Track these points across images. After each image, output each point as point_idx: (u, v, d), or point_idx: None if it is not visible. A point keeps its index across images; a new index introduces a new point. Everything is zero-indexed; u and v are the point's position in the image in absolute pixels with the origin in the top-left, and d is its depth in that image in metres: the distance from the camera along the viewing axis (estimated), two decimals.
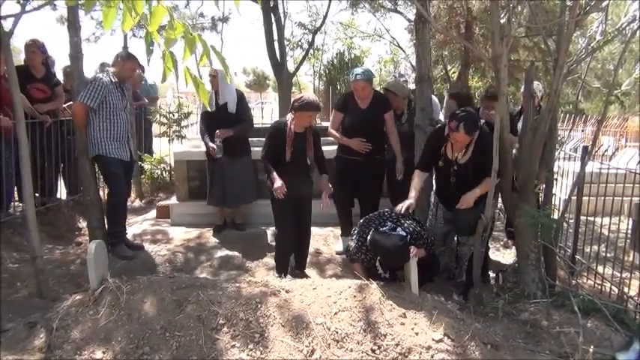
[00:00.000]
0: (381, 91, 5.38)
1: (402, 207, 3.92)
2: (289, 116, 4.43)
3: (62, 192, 6.35)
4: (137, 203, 7.30)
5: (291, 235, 4.56)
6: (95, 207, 4.97)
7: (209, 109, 5.24)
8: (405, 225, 3.73)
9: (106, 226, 5.04)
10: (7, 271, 4.36)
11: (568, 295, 3.77)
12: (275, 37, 8.07)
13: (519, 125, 4.89)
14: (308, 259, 4.87)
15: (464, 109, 3.96)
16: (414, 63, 7.41)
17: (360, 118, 4.96)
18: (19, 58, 6.28)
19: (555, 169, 4.89)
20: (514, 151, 4.40)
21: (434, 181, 4.66)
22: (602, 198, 4.73)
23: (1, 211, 5.08)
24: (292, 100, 4.50)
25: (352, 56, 13.22)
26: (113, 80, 4.87)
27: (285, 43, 8.88)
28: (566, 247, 5.11)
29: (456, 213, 4.13)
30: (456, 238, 4.49)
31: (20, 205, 5.44)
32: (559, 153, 5.64)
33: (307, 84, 17.08)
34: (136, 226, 5.91)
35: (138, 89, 8.33)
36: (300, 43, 11.68)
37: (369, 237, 3.71)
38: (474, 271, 4.07)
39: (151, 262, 5.04)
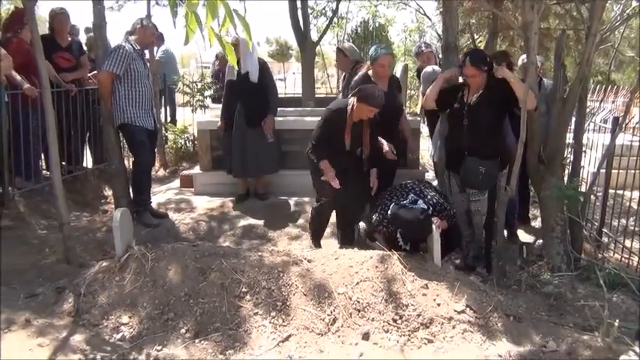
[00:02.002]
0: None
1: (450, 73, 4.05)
2: (351, 101, 4.05)
3: (88, 161, 6.44)
4: (161, 172, 7.38)
5: (328, 215, 4.44)
6: (120, 176, 5.03)
7: (236, 69, 5.18)
8: (428, 197, 3.70)
9: (131, 194, 5.11)
10: (36, 238, 4.47)
11: (594, 269, 3.73)
12: (298, 5, 7.94)
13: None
14: (329, 230, 4.85)
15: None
16: (440, 32, 7.25)
17: (385, 102, 4.48)
18: (44, 27, 6.30)
19: (584, 141, 4.78)
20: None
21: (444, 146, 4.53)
22: (633, 171, 4.62)
23: (29, 180, 5.17)
24: (358, 84, 4.15)
25: (377, 25, 12.95)
26: (135, 48, 4.87)
27: (309, 11, 8.73)
28: (593, 220, 5.02)
29: (465, 161, 3.99)
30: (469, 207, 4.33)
31: (48, 173, 5.55)
32: (588, 124, 5.50)
33: (331, 54, 16.85)
34: (160, 195, 5.98)
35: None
36: (323, 11, 11.48)
37: (389, 211, 3.69)
38: (498, 242, 4.04)
39: (175, 230, 5.11)
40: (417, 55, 6.21)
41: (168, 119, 8.75)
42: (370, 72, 4.63)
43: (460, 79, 4.19)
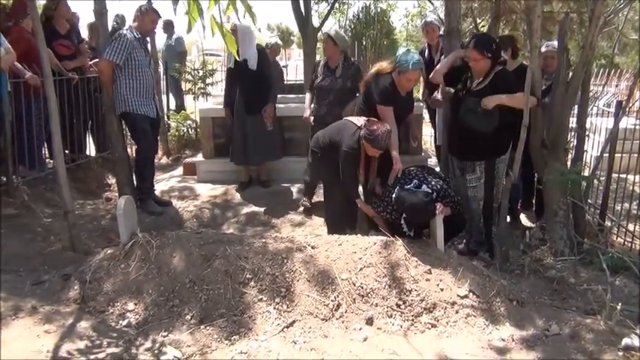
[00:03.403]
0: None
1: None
2: (361, 135, 4.02)
3: (91, 149, 6.45)
4: (164, 160, 7.39)
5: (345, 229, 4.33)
6: (123, 163, 5.04)
7: (237, 58, 5.14)
8: (432, 183, 3.69)
9: (135, 182, 5.12)
10: (41, 226, 4.49)
11: (596, 253, 3.73)
12: None
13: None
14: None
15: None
16: (442, 16, 7.18)
17: (405, 108, 4.43)
18: None
19: (587, 125, 4.76)
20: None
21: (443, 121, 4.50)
22: (636, 155, 4.61)
23: (33, 168, 5.18)
24: (365, 123, 4.07)
25: (378, 10, 12.83)
26: (136, 36, 4.84)
27: None
28: (596, 204, 5.02)
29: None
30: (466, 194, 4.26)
31: (51, 161, 5.55)
32: (592, 108, 5.47)
33: None
34: (163, 183, 6.00)
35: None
36: None
37: (393, 195, 3.69)
38: (500, 227, 4.04)
39: (179, 217, 5.13)
40: (423, 28, 6.25)
41: (172, 107, 8.73)
42: (394, 74, 4.27)
43: None
